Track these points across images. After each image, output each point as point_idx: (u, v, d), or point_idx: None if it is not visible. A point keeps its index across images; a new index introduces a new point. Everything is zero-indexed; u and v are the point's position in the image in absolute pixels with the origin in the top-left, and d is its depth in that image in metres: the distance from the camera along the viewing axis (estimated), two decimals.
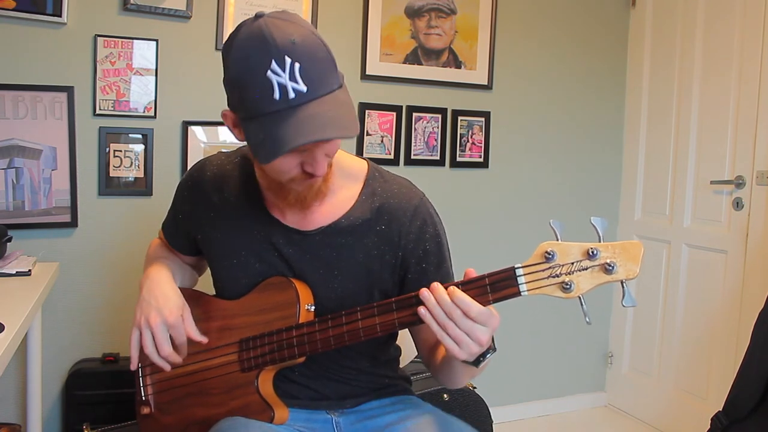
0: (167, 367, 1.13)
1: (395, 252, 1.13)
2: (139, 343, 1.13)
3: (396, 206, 1.14)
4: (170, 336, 1.11)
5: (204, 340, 1.14)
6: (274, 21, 0.94)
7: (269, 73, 0.90)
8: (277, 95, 0.91)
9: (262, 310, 1.13)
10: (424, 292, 0.95)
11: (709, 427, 1.85)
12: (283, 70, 0.90)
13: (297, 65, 0.91)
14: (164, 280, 1.18)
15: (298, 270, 1.13)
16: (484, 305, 0.94)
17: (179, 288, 1.26)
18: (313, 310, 1.11)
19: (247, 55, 0.92)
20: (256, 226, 1.15)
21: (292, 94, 0.91)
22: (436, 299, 0.94)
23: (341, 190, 1.14)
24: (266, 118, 0.92)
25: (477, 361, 0.99)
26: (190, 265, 1.35)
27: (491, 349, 0.99)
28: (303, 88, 0.91)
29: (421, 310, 0.95)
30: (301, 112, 0.91)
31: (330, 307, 1.11)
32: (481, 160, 2.65)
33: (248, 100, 0.93)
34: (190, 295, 1.24)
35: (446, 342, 0.94)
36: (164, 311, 1.11)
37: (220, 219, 1.18)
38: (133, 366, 1.15)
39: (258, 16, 0.96)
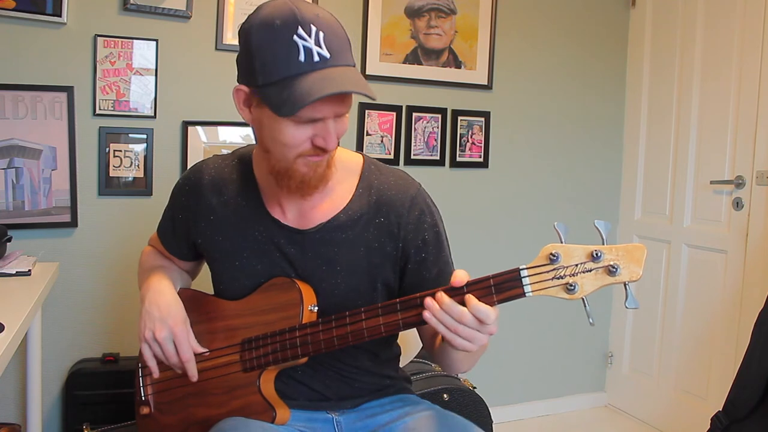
0: (192, 376, 1.15)
1: (395, 243, 1.13)
2: (151, 354, 1.14)
3: (393, 197, 1.14)
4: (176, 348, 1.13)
5: (205, 351, 1.15)
6: (297, 1, 0.99)
7: (295, 37, 0.94)
8: (302, 57, 0.94)
9: (264, 311, 1.13)
10: (428, 301, 0.95)
11: (709, 427, 1.85)
12: (309, 36, 0.95)
13: (322, 34, 0.96)
14: (165, 290, 1.18)
15: (301, 269, 1.14)
16: (488, 306, 0.94)
17: (180, 288, 1.26)
18: (316, 310, 1.11)
19: (272, 22, 0.96)
20: (257, 227, 1.15)
21: (316, 58, 0.95)
22: (444, 309, 0.94)
23: (338, 185, 1.14)
24: (289, 79, 0.95)
25: None
26: (185, 271, 1.35)
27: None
28: (327, 54, 0.96)
29: (426, 314, 0.95)
30: (325, 72, 0.95)
31: (334, 303, 1.11)
32: (481, 160, 2.65)
33: (271, 63, 0.96)
34: (192, 296, 1.24)
35: (457, 342, 0.95)
36: (169, 321, 1.12)
37: (221, 222, 1.18)
38: (156, 374, 1.15)
39: None
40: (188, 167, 2.12)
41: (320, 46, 0.95)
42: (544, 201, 2.79)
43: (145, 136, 2.11)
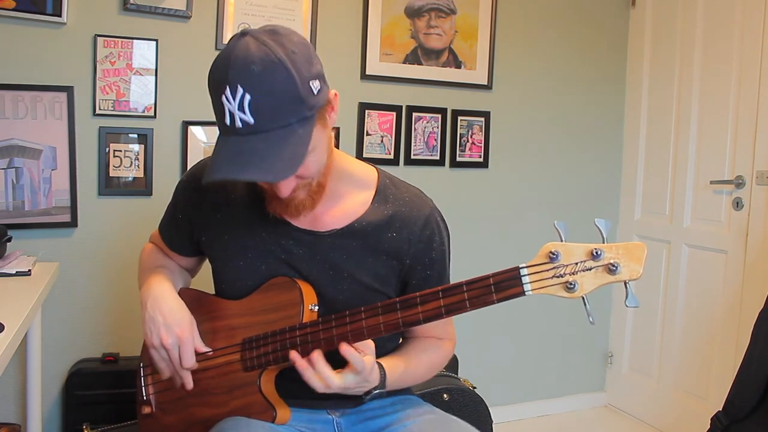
0: (188, 384, 1.15)
1: (403, 258, 1.15)
2: (160, 358, 1.15)
3: (407, 214, 1.15)
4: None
5: (208, 350, 1.15)
6: (248, 43, 0.94)
7: (223, 98, 0.93)
8: (228, 120, 0.94)
9: (265, 310, 1.13)
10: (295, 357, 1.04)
11: (709, 427, 1.85)
12: (234, 99, 0.92)
13: (248, 97, 0.91)
14: (167, 293, 1.18)
15: (305, 271, 1.14)
16: (488, 304, 0.96)
17: (181, 289, 1.26)
18: (316, 310, 1.11)
19: (213, 74, 0.97)
20: (265, 227, 1.15)
21: (239, 124, 0.93)
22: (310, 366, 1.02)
23: (352, 196, 1.15)
24: (220, 138, 0.97)
25: (366, 394, 1.08)
26: (185, 268, 1.34)
27: (377, 387, 1.08)
28: (250, 119, 0.92)
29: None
30: (243, 143, 0.94)
31: (336, 309, 1.11)
32: (481, 160, 2.65)
33: (214, 113, 0.98)
34: (193, 296, 1.24)
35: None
36: (175, 329, 1.12)
37: (227, 220, 1.18)
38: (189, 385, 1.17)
39: (243, 33, 0.96)
40: (188, 167, 2.14)
41: (243, 112, 0.92)
42: (543, 201, 2.79)
43: (145, 136, 2.11)
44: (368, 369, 1.02)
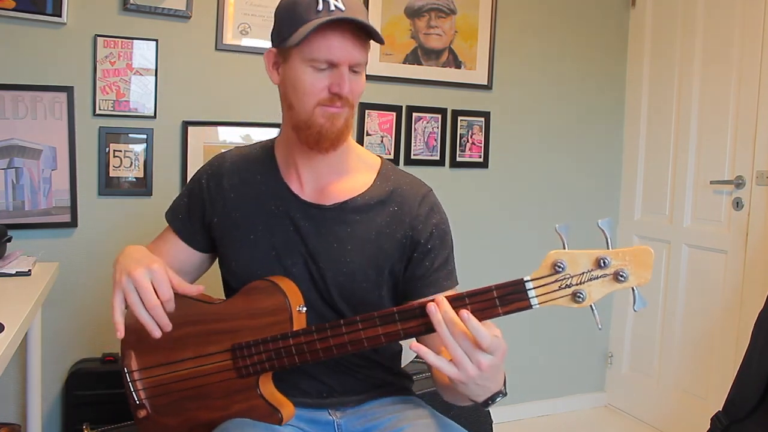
0: (156, 330, 1.05)
1: (405, 231, 1.18)
2: (123, 304, 1.06)
3: (407, 191, 1.21)
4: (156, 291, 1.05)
5: (200, 289, 1.10)
6: None
7: None
8: (320, 6, 1.06)
9: (251, 315, 1.11)
10: (431, 307, 0.93)
11: (709, 427, 1.85)
12: None
13: None
14: (141, 248, 1.17)
15: (312, 245, 1.16)
16: (492, 317, 0.93)
17: None
18: (304, 311, 1.10)
19: None
20: (274, 201, 1.19)
21: (332, 7, 1.07)
22: (441, 315, 0.92)
23: (358, 173, 1.21)
24: (306, 25, 1.06)
25: (485, 403, 0.98)
26: (181, 270, 1.31)
27: (501, 393, 0.98)
28: (342, 6, 1.07)
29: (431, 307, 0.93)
30: (336, 17, 1.06)
31: (341, 282, 1.15)
32: (481, 160, 2.65)
33: (294, 17, 1.08)
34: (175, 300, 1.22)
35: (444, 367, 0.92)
36: (145, 261, 1.07)
37: (239, 198, 1.22)
38: (120, 334, 1.06)
39: None
40: (188, 167, 2.14)
41: (338, 1, 1.07)
42: (543, 201, 2.79)
43: (145, 136, 2.11)
44: (503, 348, 0.91)
